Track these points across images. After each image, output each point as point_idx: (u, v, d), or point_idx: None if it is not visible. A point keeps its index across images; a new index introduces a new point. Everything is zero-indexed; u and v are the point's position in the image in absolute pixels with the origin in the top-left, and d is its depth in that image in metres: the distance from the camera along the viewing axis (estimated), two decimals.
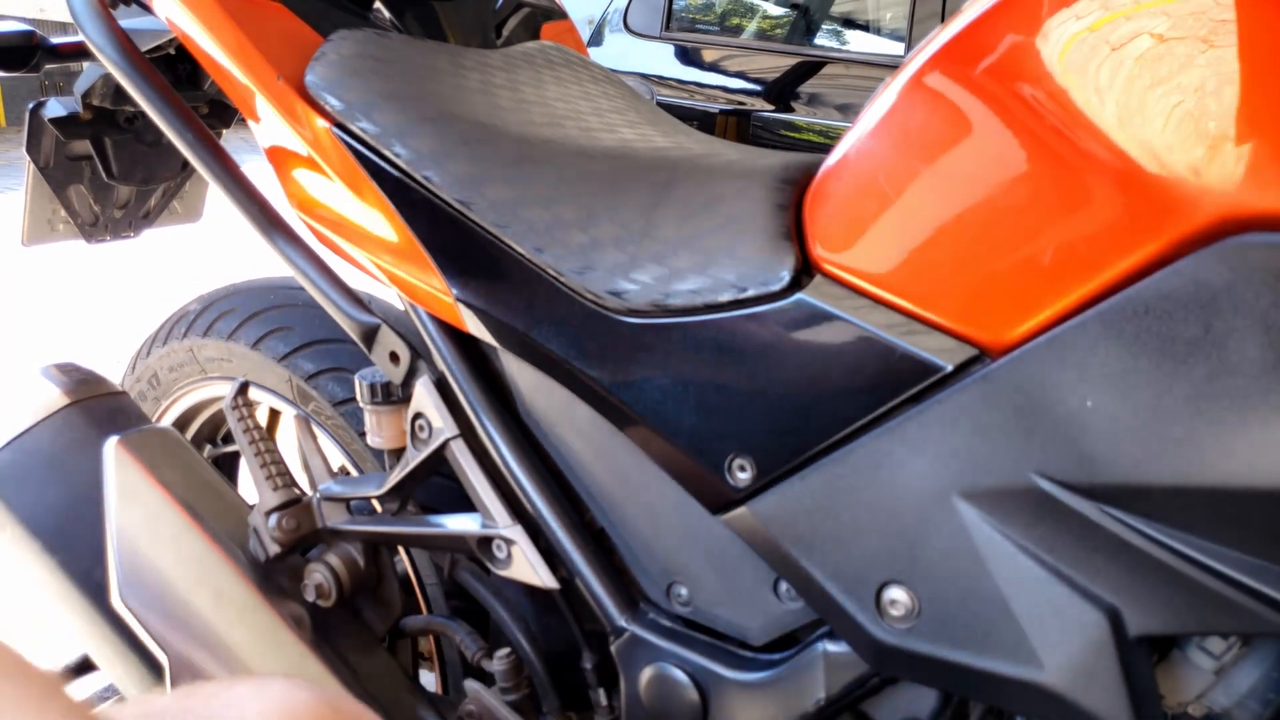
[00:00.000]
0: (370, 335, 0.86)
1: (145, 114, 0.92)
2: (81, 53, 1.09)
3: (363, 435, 0.93)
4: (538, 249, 0.71)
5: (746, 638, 0.71)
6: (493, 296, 0.74)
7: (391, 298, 0.89)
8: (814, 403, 0.60)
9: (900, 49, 3.02)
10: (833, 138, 2.85)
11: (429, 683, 1.06)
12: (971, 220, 0.54)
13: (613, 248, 0.69)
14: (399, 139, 0.77)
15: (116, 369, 1.29)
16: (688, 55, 3.27)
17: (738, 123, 3.04)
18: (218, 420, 1.31)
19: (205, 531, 0.88)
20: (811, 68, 3.06)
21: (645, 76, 3.20)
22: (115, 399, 1.00)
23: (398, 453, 0.88)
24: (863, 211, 0.59)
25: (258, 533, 0.89)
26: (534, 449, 0.78)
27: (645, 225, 0.70)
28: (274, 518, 0.87)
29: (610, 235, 0.70)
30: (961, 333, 0.55)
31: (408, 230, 0.77)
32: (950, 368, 0.55)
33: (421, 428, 0.82)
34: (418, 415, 0.82)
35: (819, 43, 3.36)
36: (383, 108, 0.79)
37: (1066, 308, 0.51)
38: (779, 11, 3.61)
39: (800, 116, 3.01)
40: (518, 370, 0.78)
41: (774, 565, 0.65)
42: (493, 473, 0.80)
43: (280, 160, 0.85)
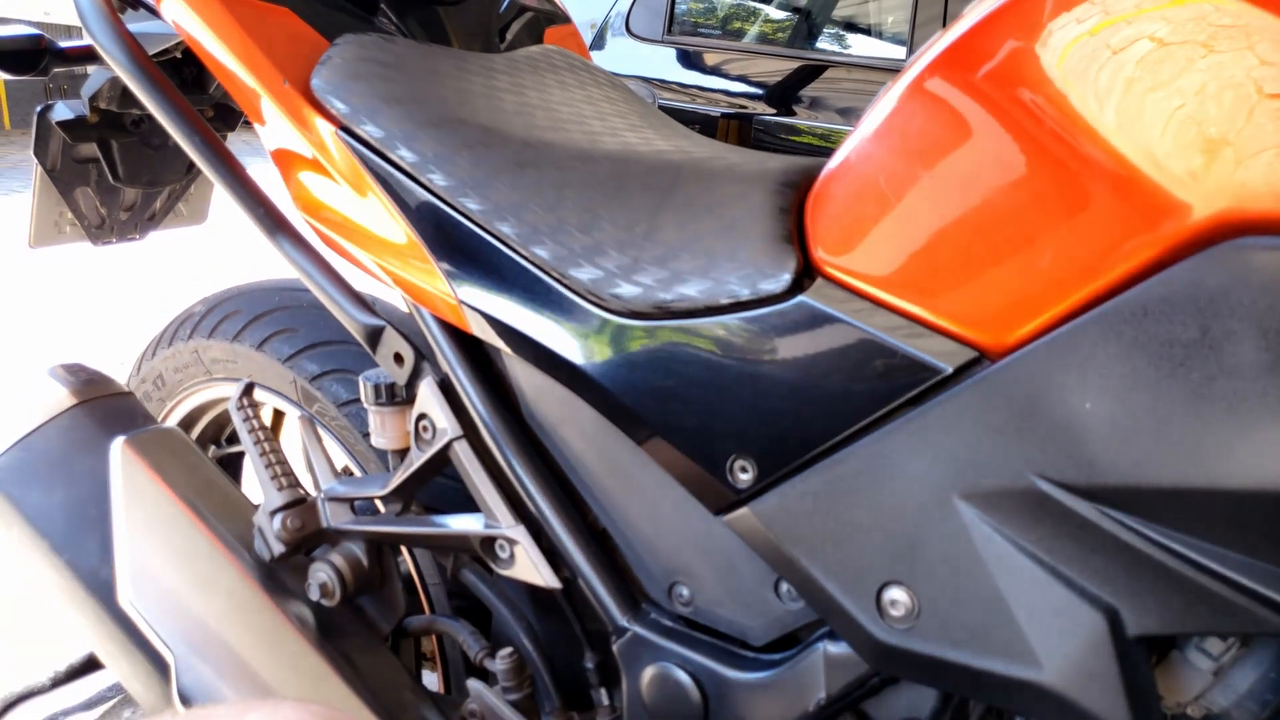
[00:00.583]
0: (374, 337, 0.87)
1: (152, 117, 0.92)
2: (89, 56, 1.10)
3: (367, 436, 0.94)
4: (541, 251, 0.72)
5: (748, 638, 0.71)
6: (496, 298, 0.74)
7: (395, 299, 0.89)
8: (815, 404, 0.60)
9: (902, 53, 3.03)
10: (834, 141, 2.86)
11: (431, 682, 1.06)
12: (972, 224, 0.54)
13: (615, 250, 0.70)
14: (403, 142, 0.78)
15: (118, 368, 1.29)
16: (690, 59, 3.28)
17: (739, 126, 3.05)
18: (222, 421, 1.32)
19: (210, 531, 0.89)
20: (813, 71, 3.06)
21: (647, 80, 3.21)
22: (122, 399, 1.01)
23: (401, 453, 0.89)
24: (863, 215, 0.59)
25: (262, 532, 0.89)
26: (537, 450, 0.79)
27: (648, 228, 0.70)
28: (279, 517, 0.88)
29: (613, 238, 0.71)
30: (961, 335, 0.55)
31: (412, 232, 0.77)
32: (950, 370, 0.55)
33: (425, 428, 0.83)
34: (421, 416, 0.83)
35: (821, 46, 3.37)
36: (387, 111, 0.79)
37: (1066, 310, 0.51)
38: (781, 15, 3.62)
39: (802, 120, 3.01)
40: (521, 371, 0.79)
41: (775, 566, 0.65)
42: (496, 473, 0.80)
43: (285, 163, 0.86)
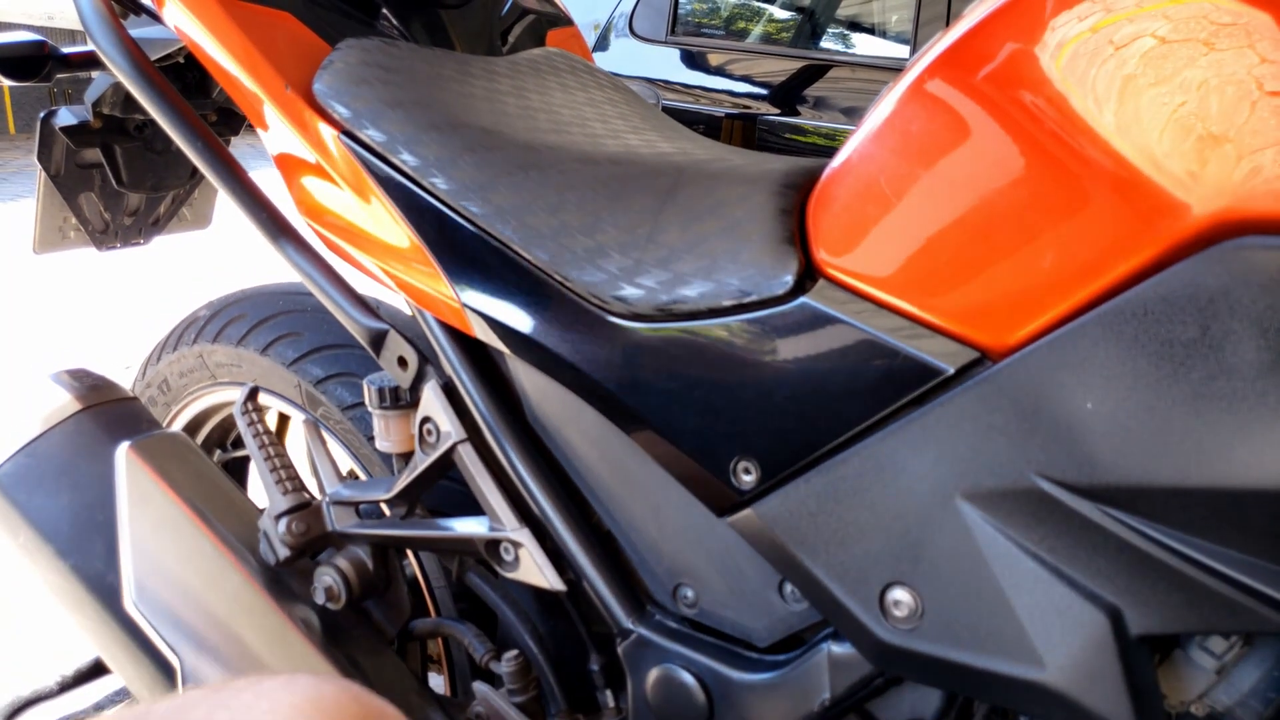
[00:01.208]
0: (378, 340, 0.87)
1: (155, 122, 0.92)
2: (91, 61, 1.11)
3: (371, 440, 0.94)
4: (543, 254, 0.72)
5: (752, 639, 0.72)
6: (499, 302, 0.74)
7: (399, 303, 0.89)
8: (817, 406, 0.61)
9: (905, 52, 3.03)
10: (839, 141, 2.85)
11: (437, 685, 1.06)
12: (973, 224, 0.54)
13: (618, 253, 0.70)
14: (406, 146, 0.78)
15: (123, 372, 1.30)
16: (693, 59, 3.28)
17: (743, 126, 3.05)
18: (228, 425, 1.32)
19: (216, 535, 0.89)
20: (817, 71, 3.06)
21: (651, 81, 3.21)
22: (126, 404, 1.01)
23: (406, 457, 0.89)
24: (865, 216, 0.59)
25: (267, 536, 0.90)
26: (541, 453, 0.79)
27: (650, 230, 0.70)
28: (284, 521, 0.88)
29: (615, 240, 0.71)
30: (963, 336, 0.55)
31: (414, 236, 0.78)
32: (952, 370, 0.55)
33: (429, 432, 0.83)
34: (426, 419, 0.83)
35: (825, 46, 3.37)
36: (389, 115, 0.79)
37: (1066, 311, 0.51)
38: (784, 15, 3.62)
39: (806, 120, 3.01)
40: (524, 375, 0.79)
41: (778, 567, 0.66)
42: (500, 476, 0.80)
43: (288, 167, 0.86)
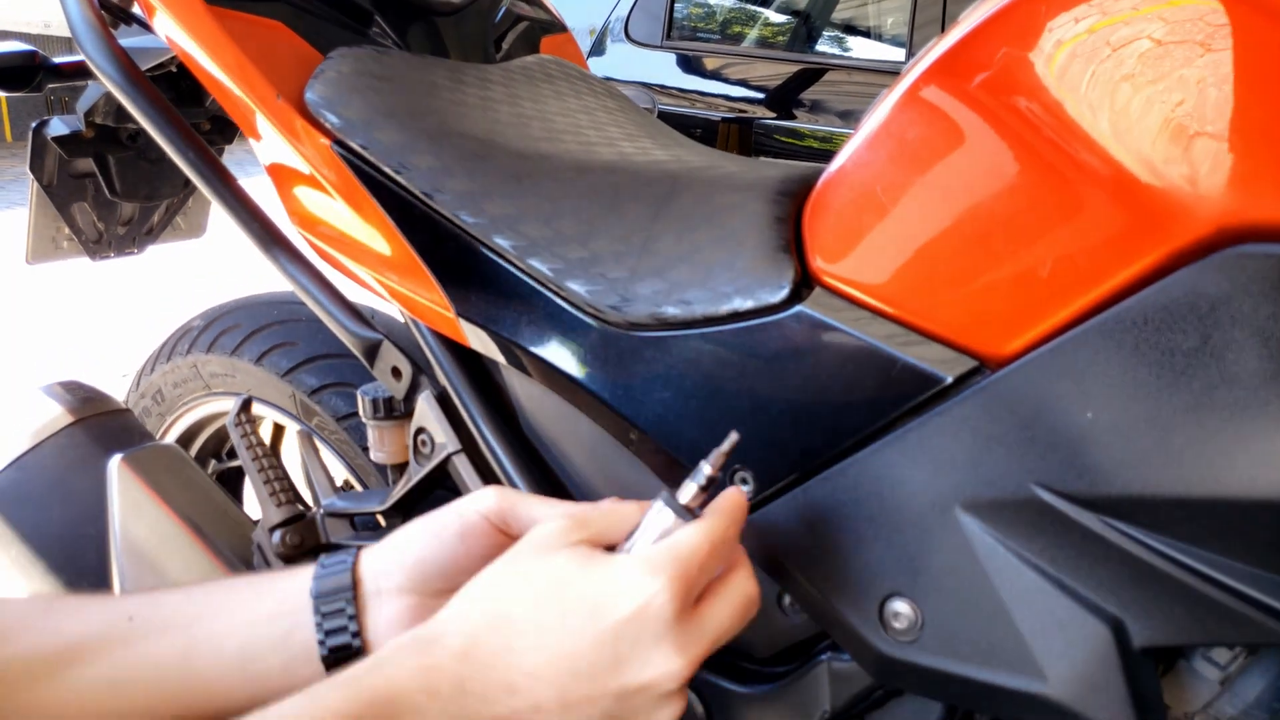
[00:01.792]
0: (372, 350, 0.86)
1: (147, 131, 0.92)
2: (84, 71, 1.10)
3: (366, 450, 0.94)
4: (537, 264, 0.71)
5: (750, 651, 0.71)
6: (493, 311, 0.74)
7: (393, 312, 0.89)
8: (814, 415, 0.60)
9: (901, 55, 3.02)
10: (835, 144, 2.86)
11: None
12: (970, 232, 0.54)
13: (612, 262, 0.70)
14: (398, 155, 0.78)
15: (120, 380, 1.29)
16: (689, 64, 3.28)
17: (740, 130, 3.05)
18: (223, 436, 1.32)
19: (209, 548, 0.88)
20: (813, 75, 3.06)
21: (647, 85, 3.21)
22: (118, 417, 1.01)
23: (401, 468, 0.88)
24: (861, 224, 0.59)
25: (261, 549, 0.89)
26: (535, 464, 0.78)
27: (644, 239, 0.70)
28: (278, 534, 0.88)
29: (610, 249, 0.70)
30: (961, 344, 0.55)
31: (407, 246, 0.77)
32: (950, 379, 0.55)
33: (424, 443, 0.82)
34: (420, 430, 0.82)
35: (820, 50, 3.37)
36: (382, 125, 0.79)
37: (1065, 319, 0.51)
38: (780, 19, 3.62)
39: (802, 124, 3.01)
40: (519, 385, 0.78)
41: (776, 578, 0.65)
42: None
43: (281, 177, 0.85)
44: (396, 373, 0.86)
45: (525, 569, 0.50)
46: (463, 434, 0.80)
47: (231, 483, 1.34)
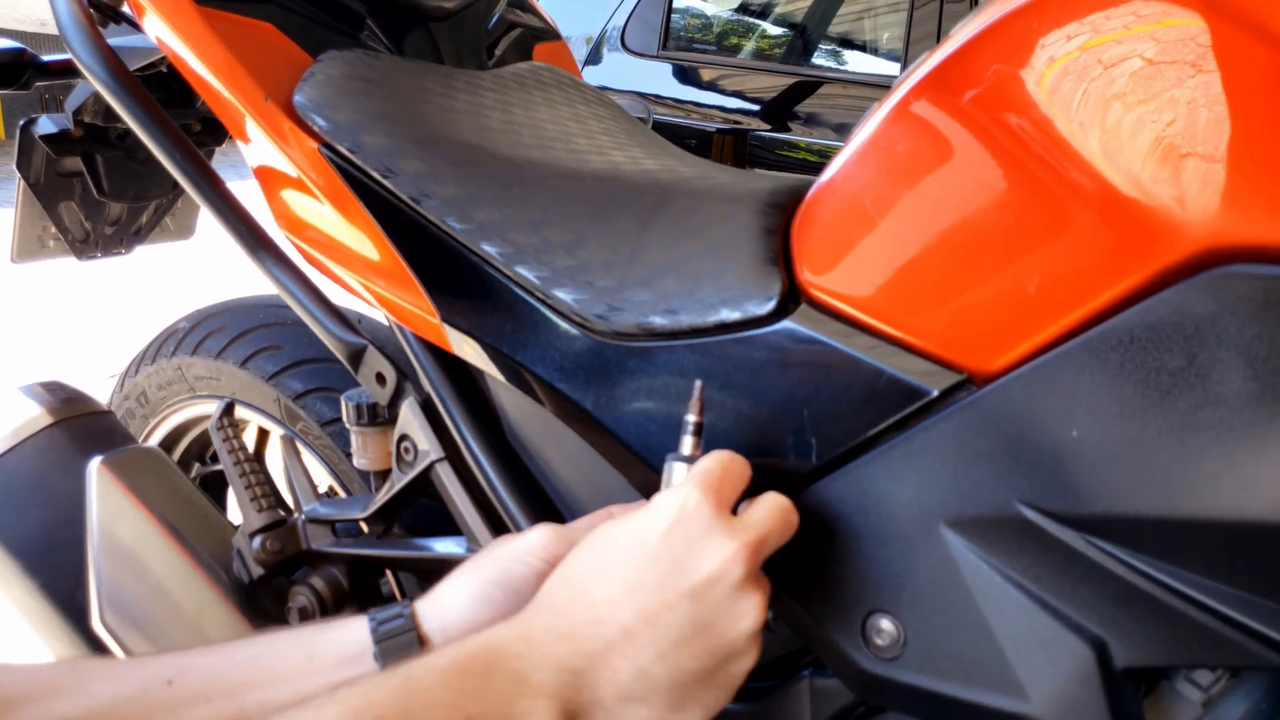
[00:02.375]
0: (357, 356, 0.86)
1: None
2: (72, 70, 1.09)
3: (350, 456, 0.93)
4: (525, 272, 0.71)
5: None
6: (478, 319, 0.73)
7: (379, 318, 0.88)
8: (799, 429, 0.60)
9: (896, 69, 3.04)
10: (829, 157, 2.86)
11: None
12: (958, 248, 0.53)
13: (600, 271, 0.69)
14: (387, 160, 0.77)
15: (100, 377, 1.28)
16: (685, 74, 3.29)
17: (734, 142, 3.05)
18: (206, 439, 1.31)
19: (188, 553, 0.88)
20: (808, 87, 3.07)
21: (643, 95, 3.21)
22: (100, 418, 1.00)
23: (384, 474, 0.88)
24: (850, 237, 0.58)
25: (241, 554, 0.88)
26: (519, 472, 0.78)
27: (633, 249, 0.69)
28: (258, 539, 0.87)
29: (598, 258, 0.70)
30: (948, 359, 0.55)
31: (394, 252, 0.76)
32: (936, 392, 0.54)
33: (407, 450, 0.82)
34: (403, 437, 0.82)
35: (816, 62, 3.38)
36: (371, 129, 0.78)
37: (1051, 336, 0.50)
38: (776, 31, 3.63)
39: (797, 136, 3.02)
40: (504, 393, 0.77)
41: None
42: (478, 496, 0.79)
43: (268, 180, 0.85)
44: (381, 379, 0.85)
45: (581, 546, 0.56)
46: (446, 441, 0.80)
47: (216, 487, 1.33)
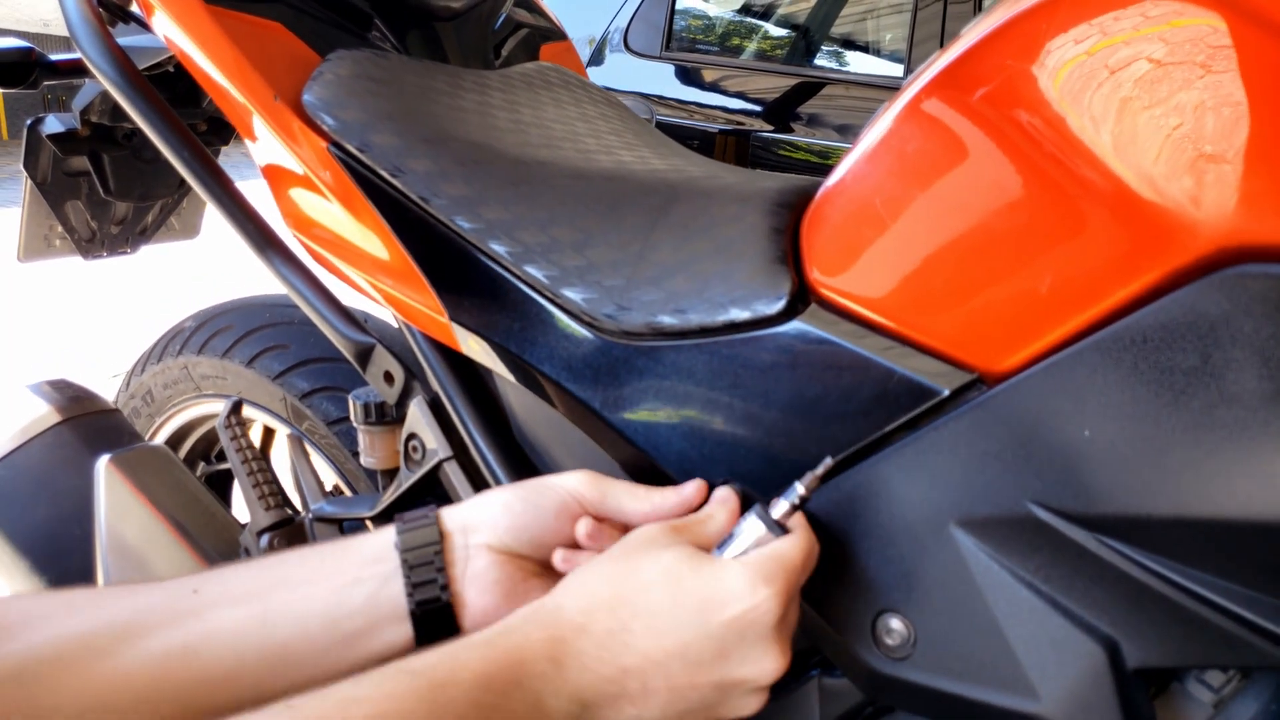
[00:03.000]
0: (365, 355, 0.86)
1: (143, 130, 0.92)
2: (80, 69, 1.10)
3: (357, 455, 0.93)
4: (533, 271, 0.71)
5: None
6: (487, 318, 0.73)
7: (387, 317, 0.88)
8: (809, 429, 0.59)
9: (899, 70, 3.03)
10: (831, 158, 2.86)
11: None
12: (968, 247, 0.53)
13: (609, 270, 0.69)
14: (395, 159, 0.77)
15: (104, 375, 1.28)
16: (688, 75, 3.28)
17: (737, 143, 3.05)
18: (212, 437, 1.31)
19: (195, 551, 0.88)
20: (811, 88, 3.07)
21: (645, 96, 3.21)
22: (107, 416, 1.00)
23: (391, 473, 0.88)
24: (860, 237, 0.58)
25: (248, 552, 0.88)
26: (527, 471, 0.78)
27: (641, 248, 0.69)
28: (265, 538, 0.87)
29: (606, 258, 0.70)
30: (959, 358, 0.55)
31: (402, 250, 0.76)
32: (947, 392, 0.54)
33: (415, 449, 0.82)
34: (411, 436, 0.82)
35: (818, 64, 3.38)
36: (379, 128, 0.78)
37: (1064, 335, 0.50)
38: (779, 32, 3.63)
39: (799, 137, 3.02)
40: (512, 392, 0.77)
41: None
42: None
43: (276, 179, 0.85)
44: (389, 378, 0.85)
45: (637, 561, 0.54)
46: (454, 440, 0.80)
47: (220, 485, 1.33)
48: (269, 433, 1.25)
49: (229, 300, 1.25)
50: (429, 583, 0.57)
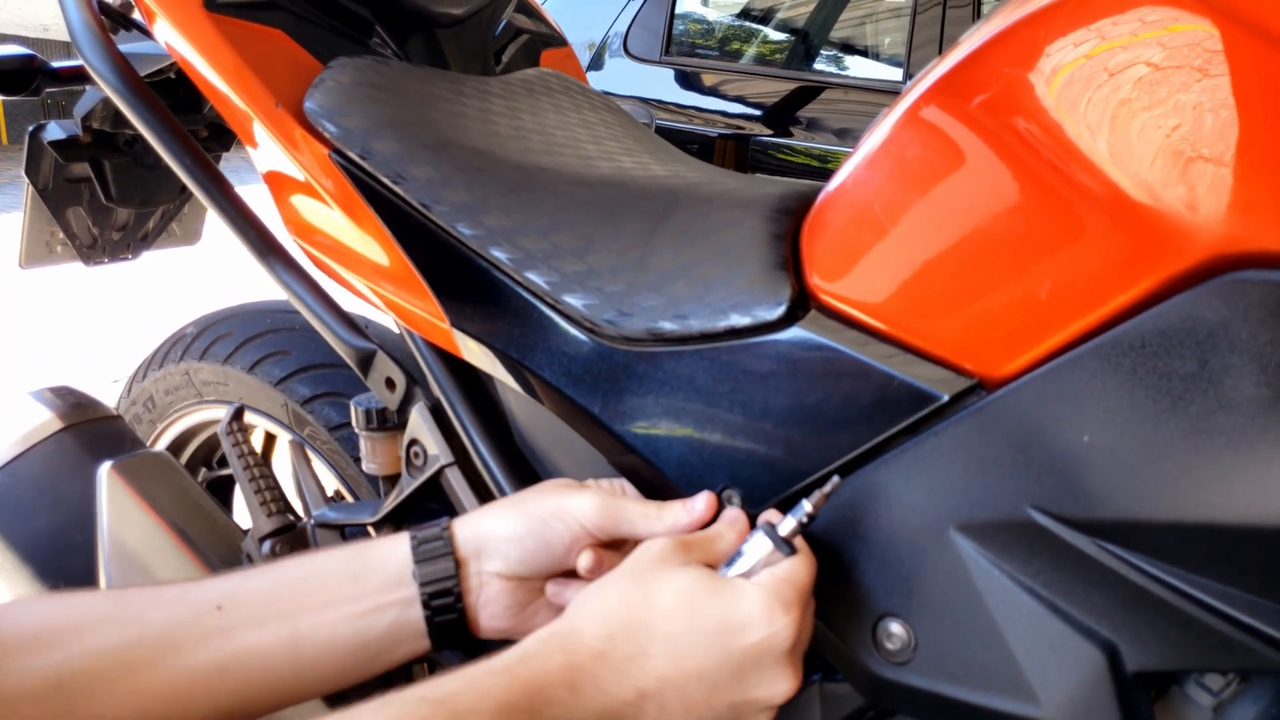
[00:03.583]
0: (366, 361, 0.86)
1: (144, 137, 0.92)
2: (81, 76, 1.10)
3: (358, 461, 0.93)
4: (534, 277, 0.71)
5: None
6: (488, 324, 0.73)
7: (388, 323, 0.88)
8: (809, 434, 0.60)
9: (898, 74, 3.04)
10: (831, 162, 2.87)
11: None
12: (968, 253, 0.54)
13: (609, 276, 0.69)
14: (396, 166, 0.77)
15: (104, 381, 1.28)
16: (687, 80, 3.29)
17: (737, 147, 3.06)
18: (214, 444, 1.31)
19: (198, 557, 0.88)
20: (810, 93, 3.08)
21: (645, 100, 3.22)
22: (109, 423, 1.00)
23: (393, 479, 0.88)
24: (859, 243, 0.59)
25: (250, 559, 0.88)
26: (529, 477, 0.78)
27: (642, 254, 0.69)
28: (267, 544, 0.87)
29: (607, 264, 0.70)
30: (958, 364, 0.55)
31: (404, 257, 0.77)
32: (946, 398, 0.55)
33: (416, 454, 0.82)
34: (413, 442, 0.82)
35: (818, 68, 3.39)
36: (381, 135, 0.79)
37: (1062, 341, 0.51)
38: (778, 37, 3.63)
39: (799, 141, 3.02)
40: (513, 398, 0.78)
41: None
42: (487, 500, 0.79)
43: (278, 186, 0.85)
44: (390, 384, 0.85)
45: (652, 582, 0.55)
46: (456, 446, 0.80)
47: (222, 491, 1.34)
48: (270, 439, 1.25)
49: (230, 306, 1.25)
50: (446, 608, 0.62)
